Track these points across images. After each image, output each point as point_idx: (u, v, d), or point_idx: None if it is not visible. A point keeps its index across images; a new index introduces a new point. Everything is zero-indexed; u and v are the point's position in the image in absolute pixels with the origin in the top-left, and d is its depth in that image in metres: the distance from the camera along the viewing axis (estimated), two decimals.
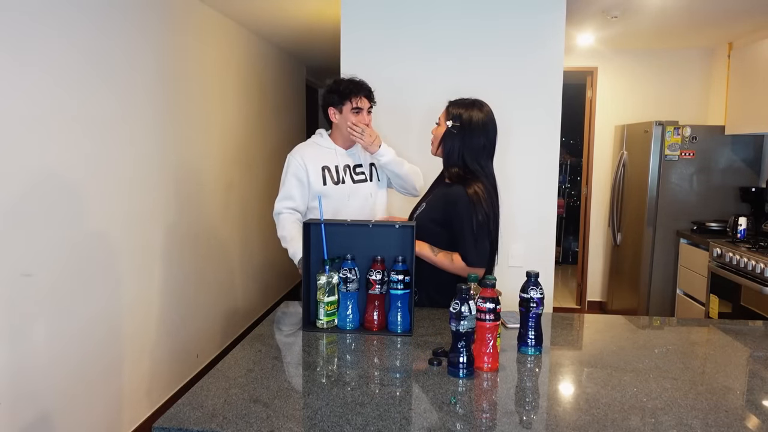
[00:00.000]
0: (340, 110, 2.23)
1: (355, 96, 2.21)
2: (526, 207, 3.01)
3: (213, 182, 3.77)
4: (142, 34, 2.84)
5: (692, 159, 4.12)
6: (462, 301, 1.44)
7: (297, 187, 2.25)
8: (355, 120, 2.21)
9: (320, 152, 2.28)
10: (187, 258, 3.37)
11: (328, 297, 1.79)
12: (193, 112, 3.43)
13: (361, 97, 2.22)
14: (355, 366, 1.56)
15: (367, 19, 3.05)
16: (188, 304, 3.40)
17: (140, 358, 2.88)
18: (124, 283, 2.73)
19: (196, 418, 1.22)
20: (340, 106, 2.22)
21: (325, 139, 2.33)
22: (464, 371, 1.45)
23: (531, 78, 3.00)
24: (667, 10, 3.55)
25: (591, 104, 5.01)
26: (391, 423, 1.20)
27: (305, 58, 5.69)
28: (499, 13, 2.99)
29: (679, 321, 2.44)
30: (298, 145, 2.34)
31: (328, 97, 2.25)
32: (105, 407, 2.59)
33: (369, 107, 2.26)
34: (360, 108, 2.22)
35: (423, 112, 3.07)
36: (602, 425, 1.21)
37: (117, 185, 2.66)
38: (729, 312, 3.44)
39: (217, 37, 3.79)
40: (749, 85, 3.81)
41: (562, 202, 6.97)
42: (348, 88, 2.22)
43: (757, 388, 1.45)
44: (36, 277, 2.15)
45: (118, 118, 2.66)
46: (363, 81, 2.26)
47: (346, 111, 2.22)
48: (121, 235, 2.69)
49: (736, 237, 3.65)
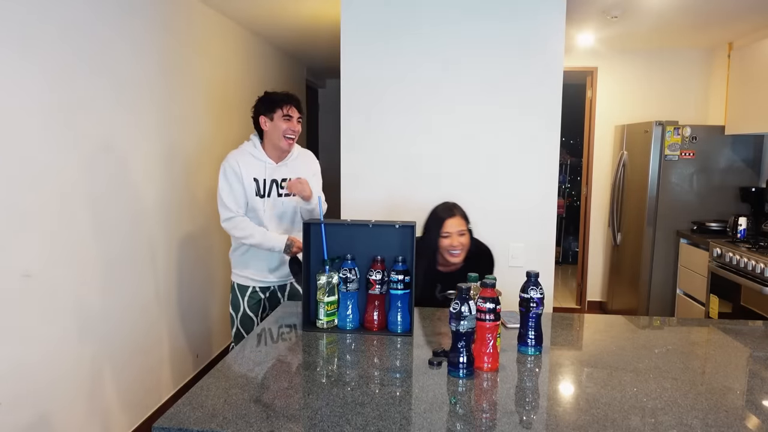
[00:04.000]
0: (270, 118, 2.39)
1: (285, 104, 2.38)
2: (526, 207, 3.01)
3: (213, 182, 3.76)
4: (141, 35, 2.84)
5: (692, 159, 4.12)
6: (462, 301, 1.44)
7: (240, 190, 2.40)
8: (285, 126, 2.37)
9: (253, 163, 2.42)
10: (188, 257, 3.37)
11: (328, 297, 1.80)
12: (193, 113, 3.43)
13: (291, 106, 2.40)
14: (355, 366, 1.56)
15: (367, 19, 3.05)
16: (188, 304, 3.40)
17: (140, 357, 2.88)
18: (124, 282, 2.73)
19: (196, 418, 1.22)
20: (271, 114, 2.39)
21: (258, 150, 2.45)
22: (464, 371, 1.45)
23: (531, 78, 3.00)
24: (667, 10, 3.55)
25: (591, 104, 5.01)
26: (391, 423, 1.20)
27: (305, 59, 5.69)
28: (499, 13, 2.99)
29: (679, 321, 2.44)
30: (232, 153, 2.46)
31: (260, 106, 2.42)
32: (105, 407, 2.59)
33: (298, 117, 2.43)
34: (290, 116, 2.39)
35: (424, 110, 3.07)
36: (602, 425, 1.21)
37: (116, 185, 2.66)
38: (729, 312, 3.44)
39: (217, 37, 3.79)
40: (749, 85, 3.81)
41: (562, 202, 6.97)
42: (279, 97, 2.40)
43: (757, 388, 1.45)
44: (36, 277, 2.15)
45: (118, 119, 2.66)
46: (293, 93, 2.45)
47: (276, 118, 2.38)
48: (120, 234, 2.69)
49: (736, 237, 3.65)
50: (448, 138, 3.00)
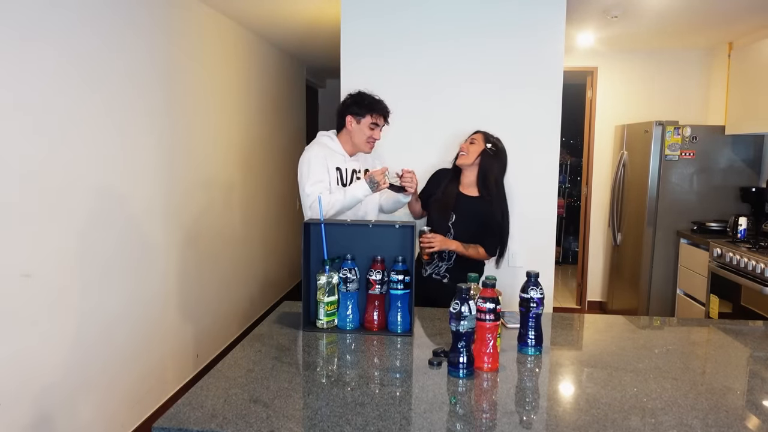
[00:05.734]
0: (358, 121, 2.37)
1: (377, 113, 2.37)
2: (526, 207, 3.01)
3: (213, 182, 3.77)
4: (141, 34, 2.84)
5: (692, 159, 4.12)
6: (462, 301, 1.44)
7: (325, 173, 2.32)
8: (369, 133, 2.37)
9: (332, 154, 2.38)
10: (187, 257, 3.37)
11: (328, 297, 1.80)
12: (193, 113, 3.43)
13: (380, 115, 2.38)
14: (355, 366, 1.56)
15: (367, 19, 3.05)
16: (188, 304, 3.40)
17: (140, 357, 2.88)
18: (124, 282, 2.73)
19: (196, 418, 1.22)
20: (360, 118, 2.36)
21: (335, 142, 2.42)
22: (464, 371, 1.45)
23: (531, 78, 3.00)
24: (667, 10, 3.55)
25: (591, 104, 5.01)
26: (391, 423, 1.20)
27: (305, 59, 5.69)
28: (499, 13, 2.99)
29: (679, 321, 2.44)
30: (311, 145, 2.41)
31: (352, 106, 2.38)
32: (104, 407, 2.59)
33: (382, 126, 2.42)
34: (377, 124, 2.38)
35: (423, 111, 3.07)
36: (602, 425, 1.21)
37: (116, 185, 2.66)
38: (729, 312, 3.44)
39: (217, 37, 3.79)
40: (749, 85, 3.81)
41: (562, 202, 6.97)
42: (373, 103, 2.38)
43: (757, 388, 1.45)
44: (35, 277, 2.15)
45: (118, 119, 2.66)
46: (385, 103, 2.42)
47: (364, 123, 2.36)
48: (120, 234, 2.69)
49: (736, 237, 3.65)
50: (448, 138, 3.00)
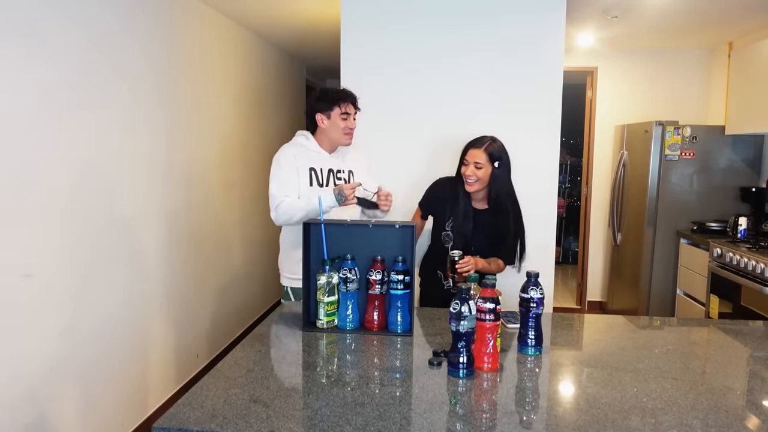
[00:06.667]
0: (328, 116, 2.35)
1: (343, 102, 2.34)
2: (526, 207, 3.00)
3: (213, 182, 3.77)
4: (140, 35, 2.84)
5: (692, 159, 4.12)
6: (462, 301, 1.44)
7: (294, 177, 2.31)
8: (344, 124, 2.34)
9: (307, 154, 2.37)
10: (187, 257, 3.37)
11: (328, 297, 1.79)
12: (193, 113, 3.43)
13: (348, 103, 2.36)
14: (355, 366, 1.56)
15: (367, 19, 3.05)
16: (188, 304, 3.39)
17: (140, 358, 2.88)
18: (124, 282, 2.73)
19: (196, 418, 1.22)
20: (329, 112, 2.34)
21: (311, 141, 2.40)
22: (464, 371, 1.45)
23: (531, 78, 3.00)
24: (667, 10, 3.55)
25: (591, 104, 5.01)
26: (391, 423, 1.20)
27: (305, 58, 5.69)
28: (499, 13, 2.99)
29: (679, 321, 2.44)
30: (285, 145, 2.41)
31: (317, 104, 2.37)
32: (104, 407, 2.59)
33: (354, 113, 2.39)
34: (348, 113, 2.35)
35: (423, 111, 3.07)
36: (602, 425, 1.21)
37: (116, 185, 2.66)
38: (729, 312, 3.44)
39: (217, 37, 3.79)
40: (749, 85, 3.80)
41: (562, 202, 6.97)
42: (337, 94, 2.36)
43: (757, 388, 1.45)
44: (35, 277, 2.15)
45: (117, 119, 2.66)
46: (349, 90, 2.40)
47: (335, 116, 2.34)
48: (121, 234, 2.69)
49: (736, 237, 3.65)
50: (447, 138, 3.00)
